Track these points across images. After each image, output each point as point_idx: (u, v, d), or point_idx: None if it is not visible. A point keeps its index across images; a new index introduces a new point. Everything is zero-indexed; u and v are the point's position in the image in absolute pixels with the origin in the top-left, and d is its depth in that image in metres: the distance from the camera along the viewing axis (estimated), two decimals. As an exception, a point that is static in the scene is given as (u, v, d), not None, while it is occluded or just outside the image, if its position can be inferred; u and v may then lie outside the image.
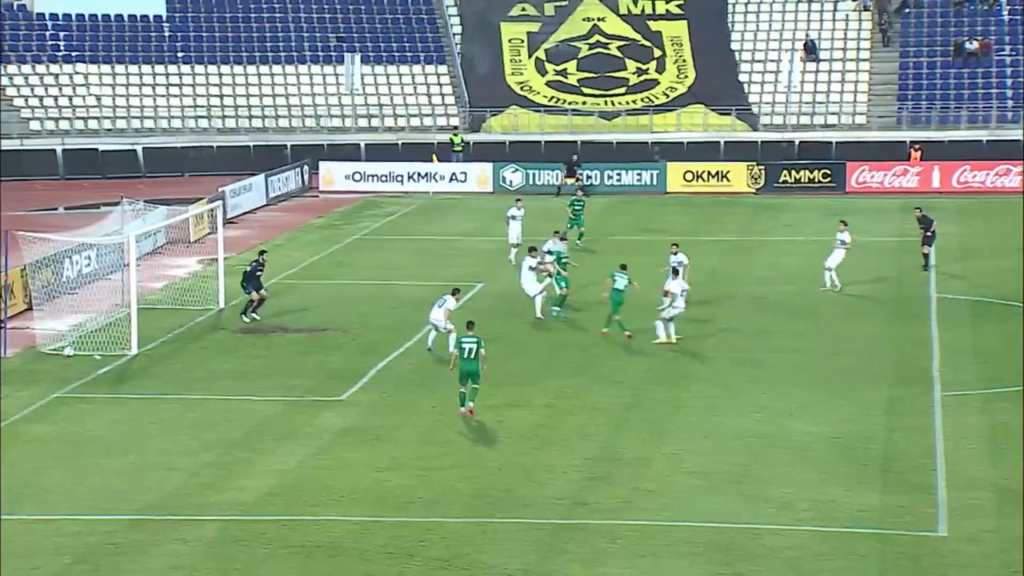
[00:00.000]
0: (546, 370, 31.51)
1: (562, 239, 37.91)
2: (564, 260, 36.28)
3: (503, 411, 28.04)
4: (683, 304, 33.87)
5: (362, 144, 66.66)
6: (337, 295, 39.96)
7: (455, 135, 64.94)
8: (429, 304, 32.91)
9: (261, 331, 35.26)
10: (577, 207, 47.09)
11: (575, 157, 60.72)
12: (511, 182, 61.16)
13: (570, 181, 58.59)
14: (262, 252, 36.88)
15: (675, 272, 34.17)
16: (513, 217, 43.69)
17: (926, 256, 42.43)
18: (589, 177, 59.46)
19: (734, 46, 72.10)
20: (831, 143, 65.70)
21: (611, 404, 28.95)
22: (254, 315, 35.90)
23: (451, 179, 61.56)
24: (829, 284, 39.45)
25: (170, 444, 26.37)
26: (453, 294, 32.59)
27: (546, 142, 66.45)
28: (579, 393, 29.77)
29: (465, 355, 27.52)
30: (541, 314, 35.62)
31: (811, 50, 70.81)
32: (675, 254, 36.29)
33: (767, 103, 69.13)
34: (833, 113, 68.49)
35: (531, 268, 35.63)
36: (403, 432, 27.15)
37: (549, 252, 38.37)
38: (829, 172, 60.69)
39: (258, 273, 36.03)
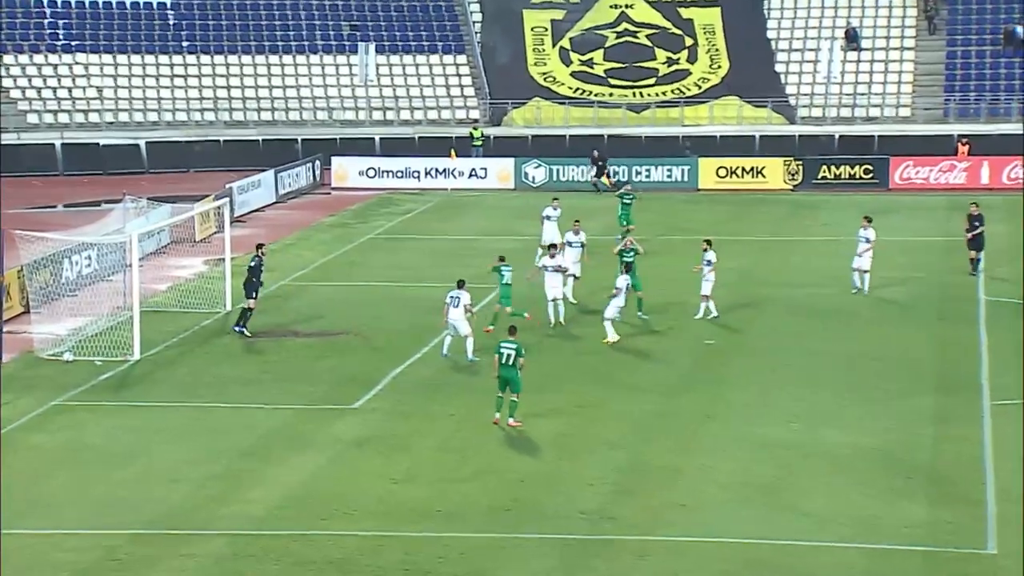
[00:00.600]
0: (569, 376, 31.57)
1: (628, 237, 37.93)
2: (631, 259, 36.44)
3: (525, 419, 28.10)
4: (624, 302, 34.13)
5: (377, 138, 66.83)
6: (350, 297, 40.07)
7: (475, 129, 65.05)
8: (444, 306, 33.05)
9: (271, 335, 35.36)
10: (627, 201, 47.15)
11: (596, 153, 60.78)
12: (534, 178, 61.23)
13: (606, 181, 58.73)
14: (260, 246, 36.73)
15: (627, 267, 34.45)
16: (548, 217, 43.57)
17: (972, 261, 42.16)
18: (616, 172, 59.56)
19: (770, 34, 72.04)
20: (873, 137, 65.57)
21: (638, 412, 29.00)
22: (243, 329, 35.10)
23: (470, 175, 61.66)
24: (861, 285, 39.44)
25: (175, 454, 26.51)
26: (460, 287, 32.64)
27: (571, 136, 66.51)
28: (604, 400, 29.82)
29: (503, 361, 27.70)
30: (563, 320, 35.64)
31: (852, 38, 70.69)
32: (706, 251, 36.46)
33: (805, 95, 69.03)
34: (875, 105, 68.37)
35: (545, 268, 35.56)
36: (420, 441, 27.25)
37: (570, 244, 38.53)
38: (871, 168, 60.58)
39: (261, 268, 35.73)
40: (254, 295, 35.39)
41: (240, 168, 60.48)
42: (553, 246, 36.19)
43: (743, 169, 60.78)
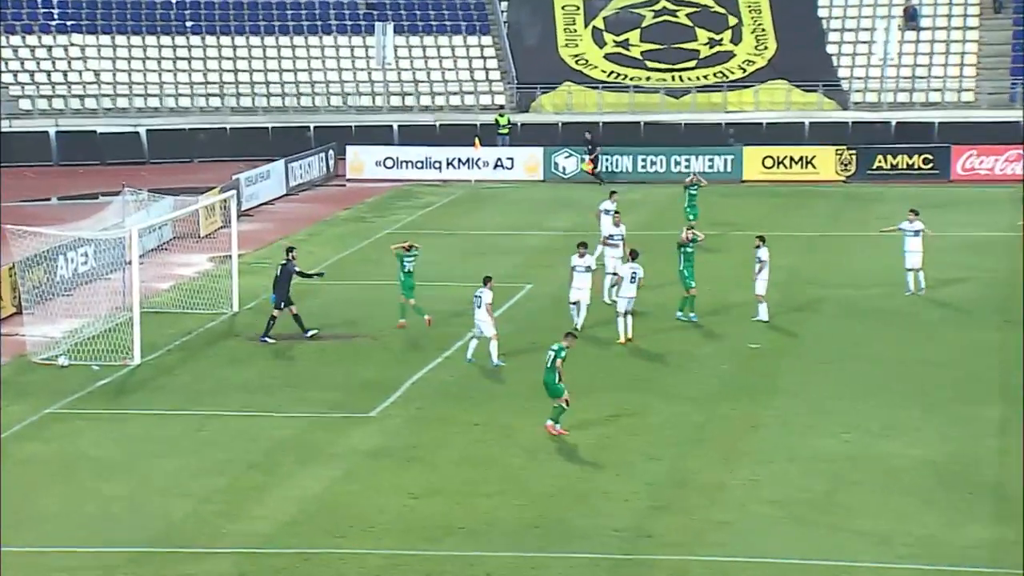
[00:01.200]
0: (602, 384, 31.54)
1: (689, 229, 37.84)
2: (691, 251, 36.53)
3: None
4: (634, 291, 34.10)
5: (395, 126, 66.95)
6: (366, 297, 40.13)
7: (501, 115, 65.10)
8: (472, 306, 33.11)
9: (280, 338, 35.40)
10: (693, 192, 47.16)
11: (589, 135, 60.83)
12: (564, 169, 61.26)
13: (586, 166, 59.15)
14: (290, 249, 36.68)
15: (634, 254, 35.00)
16: (607, 211, 43.53)
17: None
18: (598, 159, 59.76)
19: (821, 12, 71.87)
20: (933, 124, 65.37)
21: (678, 422, 28.98)
22: (314, 330, 35.07)
23: (496, 165, 61.73)
24: (916, 287, 39.34)
25: (177, 466, 26.59)
26: (486, 283, 32.69)
27: (604, 123, 66.46)
28: (641, 409, 29.81)
29: (545, 363, 27.75)
30: (579, 326, 35.47)
31: (911, 17, 70.46)
32: (759, 248, 36.43)
33: (859, 78, 68.86)
34: (936, 90, 68.15)
35: (575, 268, 35.44)
36: (441, 453, 27.28)
37: (611, 238, 38.55)
38: (931, 157, 60.42)
39: (295, 270, 35.63)
40: (282, 305, 35.23)
41: (248, 158, 60.67)
42: (583, 244, 35.98)
43: (791, 159, 60.68)
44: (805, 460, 26.66)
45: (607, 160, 61.07)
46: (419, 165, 61.93)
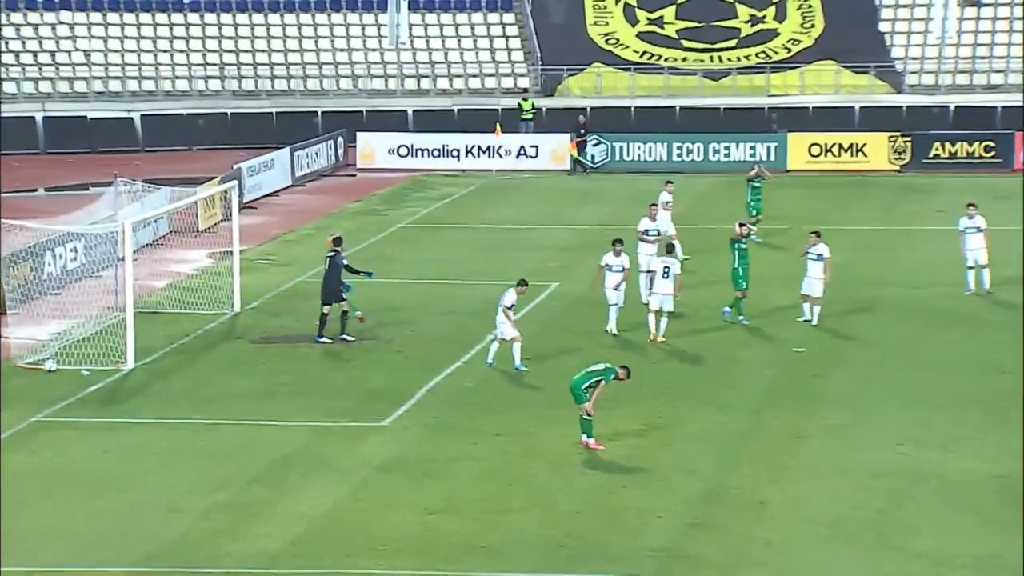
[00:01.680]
0: (635, 391, 31.49)
1: (742, 225, 37.83)
2: (744, 247, 36.53)
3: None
4: (669, 287, 34.29)
5: (409, 111, 67.04)
6: (379, 296, 40.17)
7: (524, 99, 65.15)
8: (493, 306, 33.15)
9: (286, 341, 35.51)
10: (756, 185, 47.23)
11: (582, 119, 60.88)
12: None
13: (573, 151, 59.22)
14: (338, 240, 36.40)
15: (670, 249, 35.15)
16: (666, 204, 43.50)
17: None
18: (587, 143, 59.89)
19: (873, -13, 71.76)
20: (995, 108, 65.23)
21: (718, 433, 28.98)
22: (327, 340, 35.02)
23: (519, 154, 61.77)
24: (977, 287, 39.25)
25: (174, 480, 26.66)
26: (517, 286, 32.74)
27: (636, 108, 66.50)
28: (677, 419, 29.81)
29: (586, 367, 28.02)
30: (615, 329, 35.49)
31: (971, -8, 70.32)
32: (815, 245, 36.37)
33: (914, 59, 68.71)
34: (998, 71, 67.96)
35: (608, 267, 35.45)
36: (460, 466, 27.31)
37: (647, 233, 38.51)
38: (992, 145, 60.34)
39: (339, 266, 35.61)
40: (331, 300, 35.18)
41: (250, 146, 60.79)
42: (619, 241, 35.99)
43: (840, 147, 60.66)
44: (856, 474, 26.62)
45: (642, 147, 61.02)
46: (435, 153, 61.99)
